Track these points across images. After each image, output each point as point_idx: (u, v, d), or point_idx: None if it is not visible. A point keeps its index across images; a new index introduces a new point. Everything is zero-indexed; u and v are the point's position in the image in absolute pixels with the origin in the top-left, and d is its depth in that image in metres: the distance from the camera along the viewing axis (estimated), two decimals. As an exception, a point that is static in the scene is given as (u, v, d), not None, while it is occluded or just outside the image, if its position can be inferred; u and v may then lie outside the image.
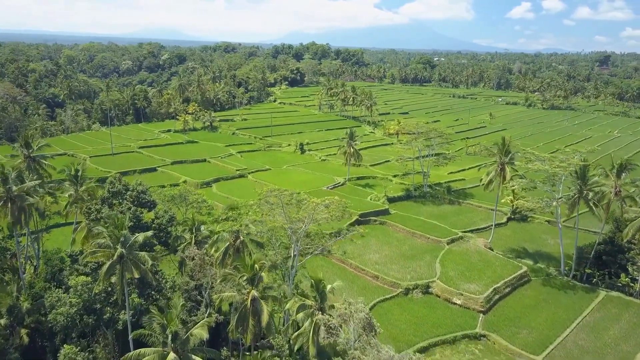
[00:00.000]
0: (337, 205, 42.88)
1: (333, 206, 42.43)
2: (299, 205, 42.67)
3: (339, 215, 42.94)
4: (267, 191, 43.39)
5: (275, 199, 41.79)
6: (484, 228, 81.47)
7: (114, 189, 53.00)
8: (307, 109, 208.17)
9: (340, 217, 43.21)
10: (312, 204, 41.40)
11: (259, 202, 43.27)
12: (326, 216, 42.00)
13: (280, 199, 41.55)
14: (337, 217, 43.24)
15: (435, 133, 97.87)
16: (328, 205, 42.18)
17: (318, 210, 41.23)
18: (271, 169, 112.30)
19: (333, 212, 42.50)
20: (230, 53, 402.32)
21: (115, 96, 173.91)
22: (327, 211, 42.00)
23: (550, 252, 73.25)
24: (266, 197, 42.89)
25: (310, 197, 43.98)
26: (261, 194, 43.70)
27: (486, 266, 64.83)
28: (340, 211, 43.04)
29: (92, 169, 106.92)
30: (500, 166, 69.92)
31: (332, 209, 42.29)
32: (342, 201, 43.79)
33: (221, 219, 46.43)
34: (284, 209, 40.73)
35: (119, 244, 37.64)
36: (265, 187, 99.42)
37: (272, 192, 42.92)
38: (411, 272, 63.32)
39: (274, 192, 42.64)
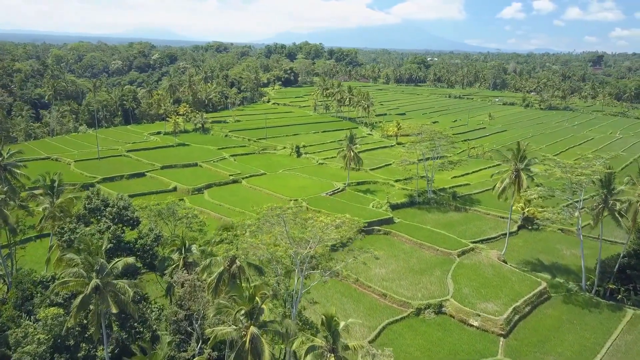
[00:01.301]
0: (349, 225, 37.55)
1: (345, 227, 37.13)
2: (304, 225, 37.33)
3: (350, 236, 37.61)
4: (268, 209, 38.02)
5: (277, 217, 36.39)
6: (494, 238, 76.57)
7: (91, 205, 47.12)
8: (302, 109, 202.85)
9: (352, 239, 37.88)
10: (320, 224, 36.09)
11: (258, 223, 37.88)
12: (336, 236, 36.72)
13: (282, 218, 36.17)
14: (348, 239, 37.92)
15: (440, 136, 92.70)
16: (339, 225, 36.86)
17: (327, 231, 36.01)
18: (266, 173, 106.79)
19: (344, 232, 37.20)
20: (223, 53, 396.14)
21: (103, 97, 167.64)
22: (337, 232, 36.73)
23: (567, 265, 68.39)
24: (266, 216, 37.44)
25: (316, 214, 38.55)
26: (260, 211, 38.32)
27: (502, 282, 59.79)
28: (352, 232, 37.66)
29: (76, 174, 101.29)
30: (515, 173, 64.78)
31: (344, 230, 37.01)
32: (354, 220, 38.46)
33: (214, 241, 40.99)
34: (287, 230, 35.33)
35: (94, 272, 32.15)
36: (260, 193, 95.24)
37: (273, 210, 37.57)
38: (422, 290, 58.16)
39: (276, 210, 37.26)
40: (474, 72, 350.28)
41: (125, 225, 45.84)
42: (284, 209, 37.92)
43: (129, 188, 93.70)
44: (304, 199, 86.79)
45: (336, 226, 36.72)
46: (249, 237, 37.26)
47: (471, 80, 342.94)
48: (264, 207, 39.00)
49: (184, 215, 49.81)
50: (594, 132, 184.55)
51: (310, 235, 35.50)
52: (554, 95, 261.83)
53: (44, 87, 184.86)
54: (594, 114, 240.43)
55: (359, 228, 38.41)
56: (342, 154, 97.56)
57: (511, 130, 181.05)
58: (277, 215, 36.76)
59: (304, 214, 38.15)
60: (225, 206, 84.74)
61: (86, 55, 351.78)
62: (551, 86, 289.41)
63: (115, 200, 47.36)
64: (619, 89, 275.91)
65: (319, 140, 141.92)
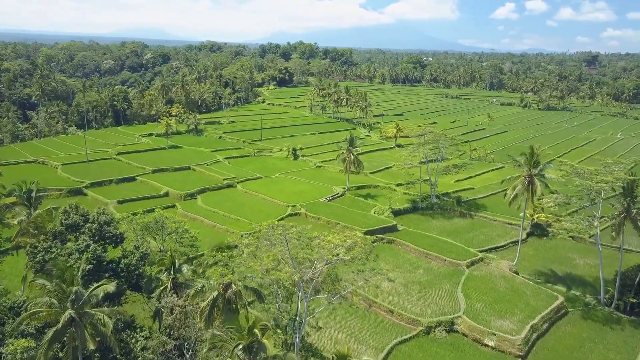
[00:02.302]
0: (362, 246, 33.39)
1: (357, 248, 32.99)
2: (309, 245, 33.16)
3: (362, 258, 33.51)
4: (268, 227, 33.82)
5: (279, 236, 32.19)
6: (503, 246, 72.74)
7: (68, 221, 42.62)
8: (298, 110, 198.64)
9: (364, 261, 33.74)
10: (329, 245, 31.92)
11: (257, 242, 33.61)
12: (345, 258, 32.61)
13: (285, 237, 32.01)
14: (360, 261, 33.78)
15: (444, 138, 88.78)
16: (351, 247, 32.71)
17: (336, 252, 31.91)
18: (262, 177, 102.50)
19: (356, 254, 33.07)
20: (216, 52, 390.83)
21: (93, 97, 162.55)
22: (348, 254, 32.61)
23: (582, 276, 64.63)
24: (267, 235, 33.24)
25: (324, 234, 34.30)
26: (260, 229, 34.03)
27: (516, 296, 55.92)
28: (365, 253, 33.53)
29: (63, 178, 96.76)
30: (528, 179, 60.87)
31: (356, 252, 32.90)
32: (367, 240, 34.27)
33: (207, 263, 36.71)
34: (289, 251, 31.16)
35: (68, 302, 27.94)
36: (256, 199, 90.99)
37: (274, 229, 33.37)
38: (431, 305, 54.17)
39: (278, 229, 33.05)
40: (470, 72, 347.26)
41: (107, 243, 41.45)
42: (286, 227, 33.73)
43: (118, 193, 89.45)
44: (302, 205, 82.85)
45: (347, 248, 32.57)
46: (247, 258, 33.09)
47: (468, 80, 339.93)
48: (264, 224, 34.86)
49: (174, 229, 45.40)
50: (594, 133, 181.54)
51: (316, 256, 31.48)
52: (552, 96, 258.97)
53: (33, 87, 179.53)
54: (593, 115, 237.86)
55: (372, 247, 34.17)
56: (342, 157, 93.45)
57: (511, 131, 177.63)
58: (279, 235, 32.65)
59: (309, 233, 33.89)
60: (219, 213, 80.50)
61: (77, 54, 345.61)
62: (548, 86, 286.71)
63: (96, 215, 42.83)
64: (617, 89, 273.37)
65: (316, 142, 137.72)
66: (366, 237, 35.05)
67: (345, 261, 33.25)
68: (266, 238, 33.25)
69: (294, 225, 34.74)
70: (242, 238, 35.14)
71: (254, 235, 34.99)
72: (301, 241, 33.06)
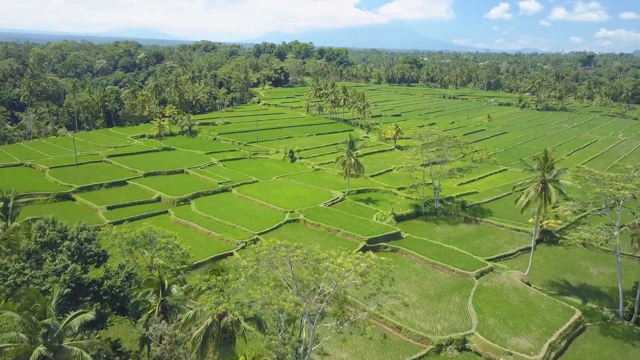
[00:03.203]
0: (377, 270, 29.56)
1: (373, 273, 29.20)
2: (316, 269, 29.41)
3: (377, 283, 29.75)
4: (269, 248, 30.09)
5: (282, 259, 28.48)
6: (512, 254, 69.45)
7: (43, 239, 38.62)
8: (294, 111, 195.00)
9: (378, 287, 30.00)
10: (339, 269, 28.16)
11: (256, 265, 29.84)
12: (357, 282, 28.93)
13: (288, 260, 28.31)
14: (375, 286, 30.02)
15: (448, 141, 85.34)
16: (365, 272, 28.94)
17: (348, 277, 28.28)
18: (259, 181, 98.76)
19: (371, 279, 29.33)
20: (211, 52, 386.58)
21: (83, 97, 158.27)
22: (361, 279, 28.89)
23: (597, 286, 61.34)
24: (268, 258, 29.44)
25: (332, 254, 30.54)
26: (260, 251, 30.17)
27: (531, 310, 52.54)
28: (380, 279, 29.74)
29: (50, 182, 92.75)
30: (541, 185, 57.45)
31: (370, 278, 29.12)
32: (384, 263, 30.53)
33: (199, 288, 32.86)
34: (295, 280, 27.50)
35: (39, 336, 24.30)
36: (252, 204, 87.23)
37: (276, 251, 29.62)
38: (440, 321, 50.68)
39: (281, 251, 29.28)
40: (467, 72, 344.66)
41: (88, 262, 37.60)
42: (290, 248, 29.98)
43: (108, 198, 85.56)
44: (300, 211, 79.25)
45: (361, 274, 28.87)
46: (245, 282, 29.32)
47: (464, 80, 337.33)
48: (264, 244, 31.08)
49: (164, 245, 41.45)
50: (595, 133, 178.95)
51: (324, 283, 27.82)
52: (550, 96, 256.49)
53: (22, 87, 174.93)
54: (592, 115, 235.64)
55: (389, 271, 30.41)
56: (341, 160, 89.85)
57: (511, 132, 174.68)
58: (282, 257, 28.96)
59: (316, 254, 30.12)
60: (214, 219, 76.80)
61: (70, 54, 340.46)
62: (546, 86, 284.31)
63: (76, 231, 38.91)
64: (616, 90, 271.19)
65: (314, 144, 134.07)
66: (382, 260, 31.23)
67: (357, 285, 29.66)
68: (267, 260, 29.57)
69: (299, 246, 30.94)
70: (239, 259, 31.32)
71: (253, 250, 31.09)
72: (307, 264, 29.41)
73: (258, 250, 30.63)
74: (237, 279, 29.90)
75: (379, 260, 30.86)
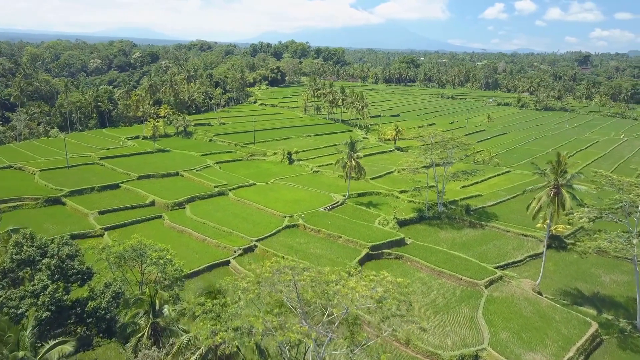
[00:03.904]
0: (395, 294, 26.58)
1: (391, 301, 26.15)
2: (325, 293, 26.35)
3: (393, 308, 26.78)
4: (273, 269, 26.96)
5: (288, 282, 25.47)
6: (521, 261, 66.73)
7: (20, 256, 35.31)
8: (291, 111, 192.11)
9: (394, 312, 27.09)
10: (353, 294, 25.13)
11: (257, 288, 26.75)
12: (370, 305, 26.03)
13: (294, 283, 25.29)
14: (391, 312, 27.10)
15: (454, 143, 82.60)
16: (382, 299, 25.92)
17: (361, 302, 25.36)
18: (256, 183, 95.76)
19: (388, 305, 26.35)
20: (206, 51, 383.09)
21: (76, 97, 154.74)
22: (376, 304, 25.93)
23: (611, 296, 58.68)
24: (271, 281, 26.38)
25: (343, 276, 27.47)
26: (262, 273, 27.03)
27: (545, 323, 49.80)
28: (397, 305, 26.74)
29: (40, 186, 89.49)
30: (554, 190, 54.68)
31: (389, 305, 26.12)
32: (402, 286, 27.51)
33: (193, 313, 29.76)
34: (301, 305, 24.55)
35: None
36: (250, 208, 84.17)
37: (281, 273, 26.56)
38: (450, 334, 47.86)
39: (286, 275, 26.16)
40: (464, 72, 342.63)
41: (71, 282, 34.44)
42: (296, 270, 26.98)
43: (100, 202, 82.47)
44: (300, 215, 76.36)
45: (377, 301, 25.90)
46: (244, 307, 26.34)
47: (462, 80, 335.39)
48: (267, 264, 28.04)
49: (155, 260, 38.24)
50: (596, 134, 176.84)
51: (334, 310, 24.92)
52: (549, 96, 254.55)
53: (12, 87, 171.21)
54: (592, 115, 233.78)
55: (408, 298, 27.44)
56: (342, 163, 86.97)
57: (511, 132, 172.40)
58: (287, 280, 25.95)
59: (326, 276, 27.04)
60: (210, 224, 73.80)
61: (63, 53, 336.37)
62: (545, 86, 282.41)
63: (56, 247, 35.57)
64: (615, 90, 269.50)
65: (312, 145, 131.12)
66: (399, 282, 28.24)
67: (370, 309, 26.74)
68: (270, 283, 26.56)
69: (306, 268, 27.86)
70: (238, 280, 28.28)
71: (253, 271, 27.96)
72: (316, 289, 26.39)
73: (260, 272, 27.61)
74: (236, 302, 27.03)
75: (396, 282, 27.88)
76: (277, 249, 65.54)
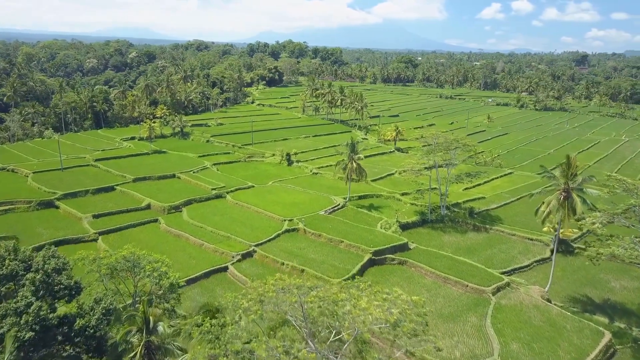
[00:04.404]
0: (411, 317, 24.67)
1: (408, 325, 24.20)
2: (335, 315, 24.27)
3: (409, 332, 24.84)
4: (276, 287, 24.84)
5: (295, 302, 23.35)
6: (528, 266, 64.90)
7: (1, 270, 32.71)
8: (289, 111, 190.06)
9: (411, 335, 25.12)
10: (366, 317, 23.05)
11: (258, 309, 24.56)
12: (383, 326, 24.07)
13: (300, 304, 23.21)
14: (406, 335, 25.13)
15: (457, 145, 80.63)
16: (399, 322, 23.96)
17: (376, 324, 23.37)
18: (254, 186, 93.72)
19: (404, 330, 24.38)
20: (204, 51, 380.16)
21: (71, 98, 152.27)
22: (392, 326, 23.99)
23: (622, 302, 56.87)
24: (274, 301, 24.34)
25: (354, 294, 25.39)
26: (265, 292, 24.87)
27: (556, 332, 47.88)
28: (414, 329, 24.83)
29: (33, 188, 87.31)
30: (563, 194, 52.76)
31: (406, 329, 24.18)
32: (418, 305, 25.50)
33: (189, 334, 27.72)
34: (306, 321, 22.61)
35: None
36: (248, 211, 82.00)
37: (286, 294, 24.46)
38: (459, 345, 45.91)
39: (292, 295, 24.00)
40: (463, 72, 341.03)
41: (57, 298, 32.14)
42: (303, 289, 24.89)
43: (94, 206, 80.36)
44: (299, 219, 74.34)
45: (394, 325, 23.87)
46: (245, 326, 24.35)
47: (461, 80, 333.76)
48: (270, 280, 25.98)
49: (149, 272, 35.83)
50: (596, 134, 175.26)
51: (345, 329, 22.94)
52: (549, 96, 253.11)
53: (6, 87, 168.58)
54: (591, 115, 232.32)
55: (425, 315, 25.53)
56: (342, 165, 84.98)
57: (512, 133, 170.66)
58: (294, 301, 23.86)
59: (337, 295, 24.92)
60: (207, 228, 71.78)
61: (59, 53, 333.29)
62: (544, 86, 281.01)
63: (42, 260, 33.12)
64: (614, 90, 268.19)
65: (311, 146, 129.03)
66: (415, 301, 26.22)
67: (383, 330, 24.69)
68: (275, 304, 24.46)
69: (313, 287, 25.75)
70: (239, 297, 26.24)
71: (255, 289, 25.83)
72: (323, 309, 24.35)
73: (262, 290, 25.50)
74: (236, 322, 24.99)
75: (411, 302, 25.85)
76: (276, 254, 63.60)
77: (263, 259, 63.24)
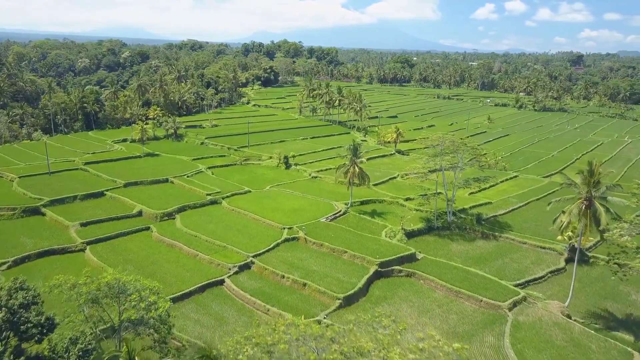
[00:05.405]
0: None
1: None
2: None
3: None
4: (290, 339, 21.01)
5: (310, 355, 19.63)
6: (542, 277, 61.31)
7: None
8: (286, 112, 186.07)
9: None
10: None
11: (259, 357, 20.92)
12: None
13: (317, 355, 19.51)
14: None
15: (464, 147, 77.04)
16: None
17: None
18: (251, 190, 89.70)
19: None
20: (198, 51, 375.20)
21: (60, 98, 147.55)
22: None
23: (645, 317, 53.32)
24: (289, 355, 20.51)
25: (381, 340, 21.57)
26: (276, 342, 21.05)
27: (581, 354, 44.25)
28: None
29: (18, 194, 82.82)
30: (586, 202, 49.11)
31: None
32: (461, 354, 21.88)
33: None
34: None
35: None
36: (245, 218, 77.85)
37: (301, 343, 20.71)
38: (477, 369, 42.21)
39: (307, 345, 20.26)
40: (460, 72, 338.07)
41: (25, 339, 27.62)
42: (322, 343, 20.83)
43: (82, 213, 76.07)
44: (300, 227, 70.38)
45: None
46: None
47: (458, 80, 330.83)
48: (280, 327, 21.97)
49: (135, 302, 31.49)
50: (599, 135, 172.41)
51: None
52: (547, 96, 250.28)
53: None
54: (591, 116, 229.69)
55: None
56: (344, 169, 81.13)
57: (513, 134, 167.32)
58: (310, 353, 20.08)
59: (358, 345, 21.05)
60: (202, 237, 67.68)
61: (51, 53, 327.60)
62: (542, 87, 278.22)
63: (6, 294, 28.27)
64: (613, 90, 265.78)
65: (309, 149, 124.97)
66: (457, 350, 22.46)
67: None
68: (286, 353, 20.62)
69: (335, 338, 21.44)
70: (241, 342, 22.39)
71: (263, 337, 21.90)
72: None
73: (271, 341, 21.56)
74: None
75: (453, 351, 22.03)
76: (276, 265, 59.67)
77: (262, 271, 59.29)
